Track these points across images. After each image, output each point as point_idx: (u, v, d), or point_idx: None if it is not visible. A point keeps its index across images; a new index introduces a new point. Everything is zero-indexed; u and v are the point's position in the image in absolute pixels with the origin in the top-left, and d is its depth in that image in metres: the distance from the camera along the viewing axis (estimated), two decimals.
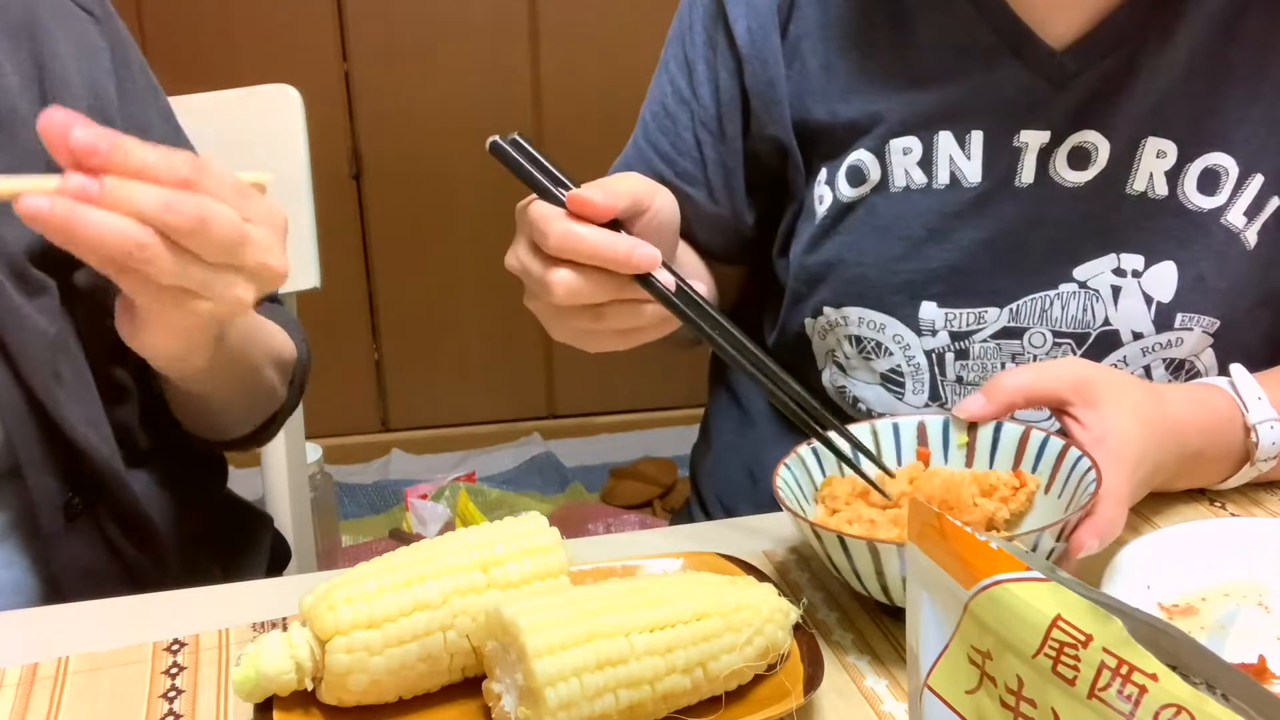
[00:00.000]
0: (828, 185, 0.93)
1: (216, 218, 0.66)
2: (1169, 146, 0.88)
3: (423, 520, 2.45)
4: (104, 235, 0.63)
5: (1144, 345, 0.91)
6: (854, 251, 0.92)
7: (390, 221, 2.65)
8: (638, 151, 1.00)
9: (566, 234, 0.71)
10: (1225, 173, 0.88)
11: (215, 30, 2.48)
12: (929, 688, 0.46)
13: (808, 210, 0.95)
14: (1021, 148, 0.89)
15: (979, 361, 0.93)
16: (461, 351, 2.77)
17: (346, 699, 0.64)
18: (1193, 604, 0.73)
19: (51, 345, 0.84)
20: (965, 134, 0.89)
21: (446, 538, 0.69)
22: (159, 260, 0.65)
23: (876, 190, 0.91)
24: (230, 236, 0.67)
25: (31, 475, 0.84)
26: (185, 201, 0.64)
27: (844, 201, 0.92)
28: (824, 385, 1.00)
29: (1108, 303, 0.90)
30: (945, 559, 0.45)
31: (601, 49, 2.53)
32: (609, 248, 0.71)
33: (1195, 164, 0.88)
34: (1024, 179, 0.89)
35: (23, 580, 0.88)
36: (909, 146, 0.90)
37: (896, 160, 0.90)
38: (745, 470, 1.07)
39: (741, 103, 0.95)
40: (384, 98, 2.57)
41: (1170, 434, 0.79)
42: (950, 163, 0.90)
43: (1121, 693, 0.38)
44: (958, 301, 0.92)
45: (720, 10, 0.93)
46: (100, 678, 0.71)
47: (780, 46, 0.92)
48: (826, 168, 0.93)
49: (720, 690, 0.65)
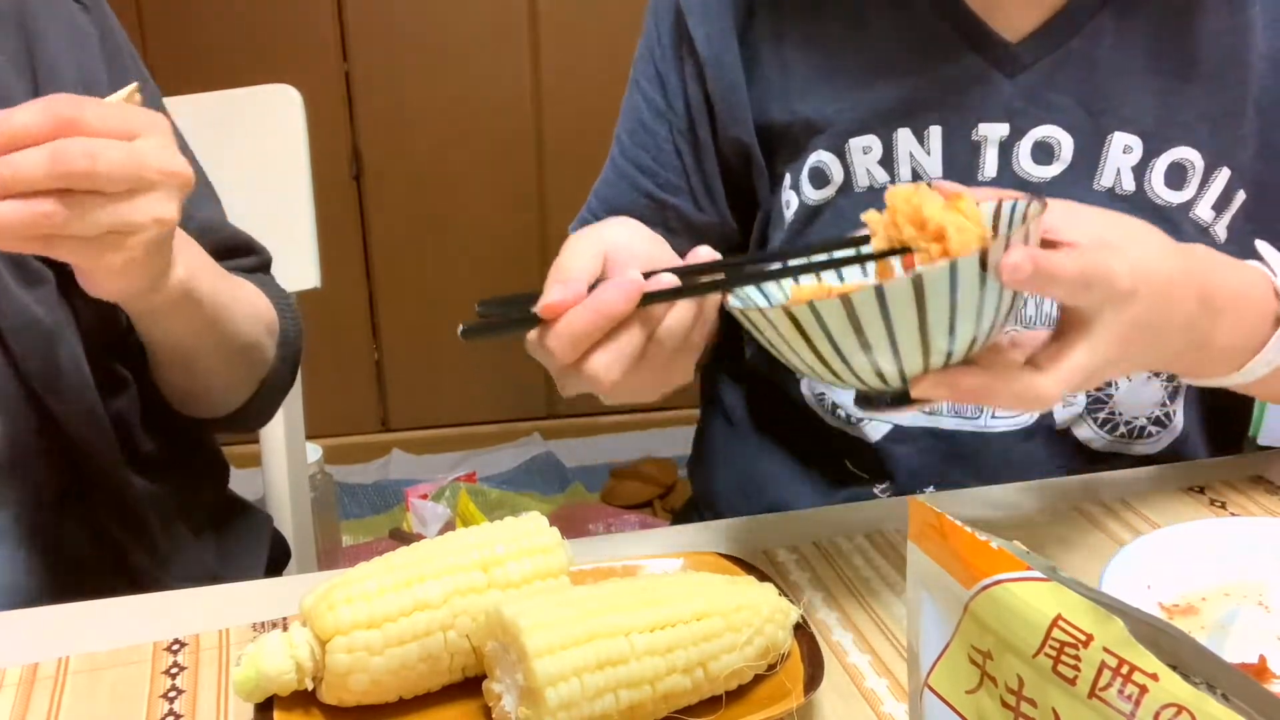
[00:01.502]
0: (792, 190, 0.93)
1: (103, 151, 0.66)
2: (1134, 141, 0.88)
3: (423, 520, 2.45)
4: (7, 225, 0.64)
5: None
6: None
7: (390, 221, 2.65)
8: (618, 170, 1.00)
9: (566, 336, 0.66)
10: (1191, 166, 0.88)
11: (215, 30, 2.48)
12: (929, 688, 0.46)
13: (776, 216, 0.95)
14: (980, 141, 0.89)
15: None
16: (461, 351, 2.77)
17: (347, 699, 0.64)
18: (1193, 604, 0.73)
19: (49, 336, 0.84)
20: (923, 129, 0.89)
21: (447, 538, 0.69)
22: (70, 221, 0.65)
23: (841, 192, 0.91)
24: (124, 163, 0.67)
25: (29, 469, 0.85)
26: (68, 149, 0.65)
27: (810, 205, 0.92)
28: (802, 394, 1.00)
29: None
30: (945, 559, 0.45)
31: (601, 49, 2.53)
32: (609, 308, 0.65)
33: (1161, 158, 0.88)
34: (986, 173, 0.89)
35: (18, 572, 0.88)
36: (868, 145, 0.89)
37: (857, 160, 0.90)
38: (737, 483, 1.07)
39: (707, 108, 0.95)
40: (384, 98, 2.57)
41: (1194, 280, 0.72)
42: (910, 159, 0.89)
43: (1122, 693, 0.38)
44: None
45: (680, 19, 0.94)
46: (100, 678, 0.71)
47: (739, 50, 0.92)
48: (790, 172, 0.93)
49: (720, 690, 0.65)
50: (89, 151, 0.65)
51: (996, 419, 0.95)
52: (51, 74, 0.87)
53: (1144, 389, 0.95)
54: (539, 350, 0.68)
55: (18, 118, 0.65)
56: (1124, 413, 0.95)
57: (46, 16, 0.88)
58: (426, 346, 2.75)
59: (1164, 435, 0.97)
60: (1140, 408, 0.96)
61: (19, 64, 0.86)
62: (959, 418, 0.95)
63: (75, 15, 0.91)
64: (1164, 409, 0.96)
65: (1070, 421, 0.95)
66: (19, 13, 0.87)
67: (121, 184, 0.67)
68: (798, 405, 1.00)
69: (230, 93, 1.25)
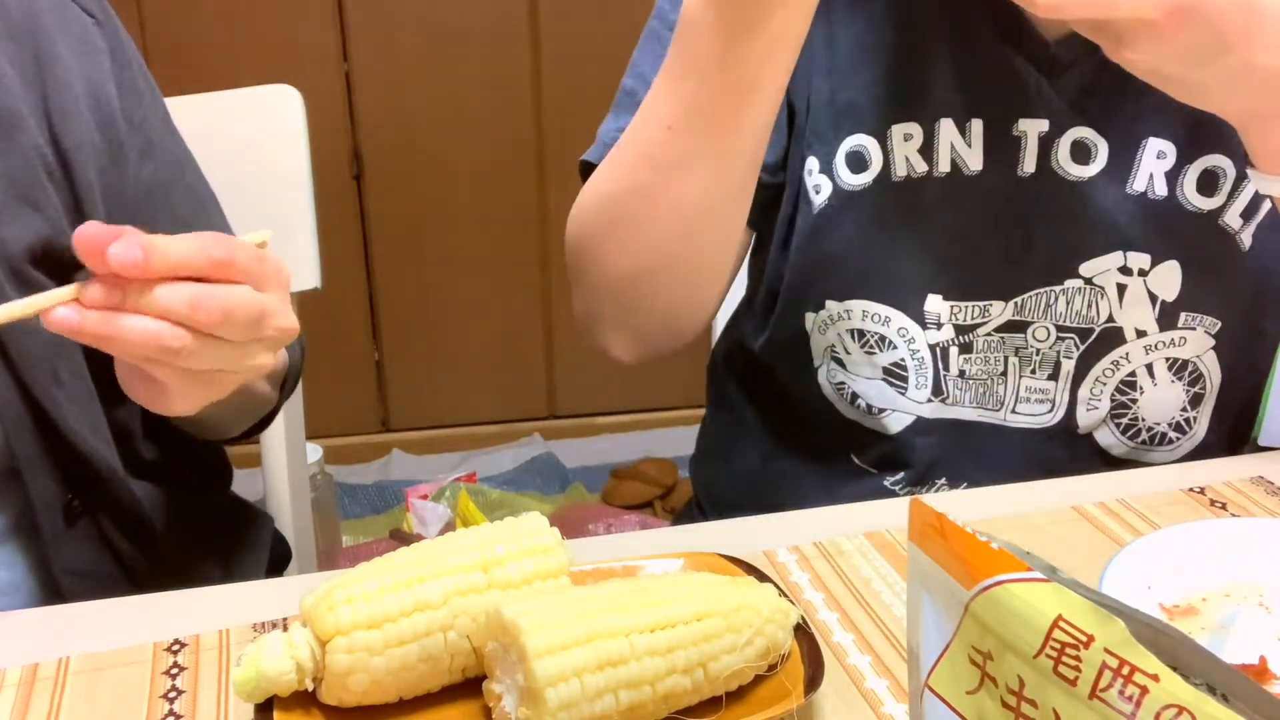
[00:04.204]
0: (824, 174, 0.92)
1: (239, 306, 0.67)
2: (1169, 148, 0.89)
3: (423, 520, 2.45)
4: (135, 339, 0.64)
5: (1147, 343, 0.92)
6: (859, 243, 0.92)
7: (390, 222, 2.65)
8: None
9: None
10: (1223, 174, 0.89)
11: (215, 30, 2.48)
12: (930, 688, 0.46)
13: (805, 199, 0.93)
14: (1021, 136, 0.89)
15: (982, 355, 0.94)
16: (462, 351, 2.77)
17: (347, 699, 0.64)
18: (1193, 604, 0.73)
19: (51, 346, 0.84)
20: (965, 122, 0.89)
21: (447, 538, 0.69)
22: (190, 353, 0.66)
23: (879, 179, 0.91)
24: (253, 317, 0.68)
25: (30, 477, 0.84)
26: (210, 298, 0.65)
27: (846, 191, 0.91)
28: (820, 383, 1.00)
29: (1113, 300, 0.91)
30: (946, 559, 0.45)
31: (602, 49, 2.53)
32: None
33: (1194, 165, 0.89)
34: (1026, 168, 0.89)
35: (22, 581, 0.88)
36: (910, 133, 0.89)
37: (898, 146, 0.90)
38: (742, 479, 1.07)
39: None
40: (384, 98, 2.57)
41: None
42: (951, 150, 0.89)
43: (1123, 693, 0.38)
44: (963, 294, 0.92)
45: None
46: (101, 678, 0.71)
47: None
48: (819, 155, 0.92)
49: (721, 691, 0.65)
50: (226, 308, 0.66)
51: (1015, 414, 0.96)
52: (60, 87, 0.86)
53: (1168, 393, 0.95)
54: None
55: (176, 248, 0.65)
56: (1146, 418, 0.96)
57: (58, 29, 0.88)
58: (426, 346, 2.75)
59: (1184, 442, 0.97)
60: (1162, 414, 0.96)
61: (28, 75, 0.85)
62: (980, 409, 0.96)
63: (87, 28, 0.90)
64: (1185, 414, 0.96)
65: (1093, 426, 0.96)
66: (30, 24, 0.86)
67: (244, 336, 0.68)
68: (811, 398, 1.00)
69: (230, 93, 1.25)
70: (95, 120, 0.88)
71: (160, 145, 0.95)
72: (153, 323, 0.64)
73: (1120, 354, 0.92)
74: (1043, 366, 0.94)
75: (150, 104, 0.96)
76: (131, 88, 0.93)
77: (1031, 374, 0.94)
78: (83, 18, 0.90)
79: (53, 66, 0.86)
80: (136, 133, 0.92)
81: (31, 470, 0.84)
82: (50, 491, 0.85)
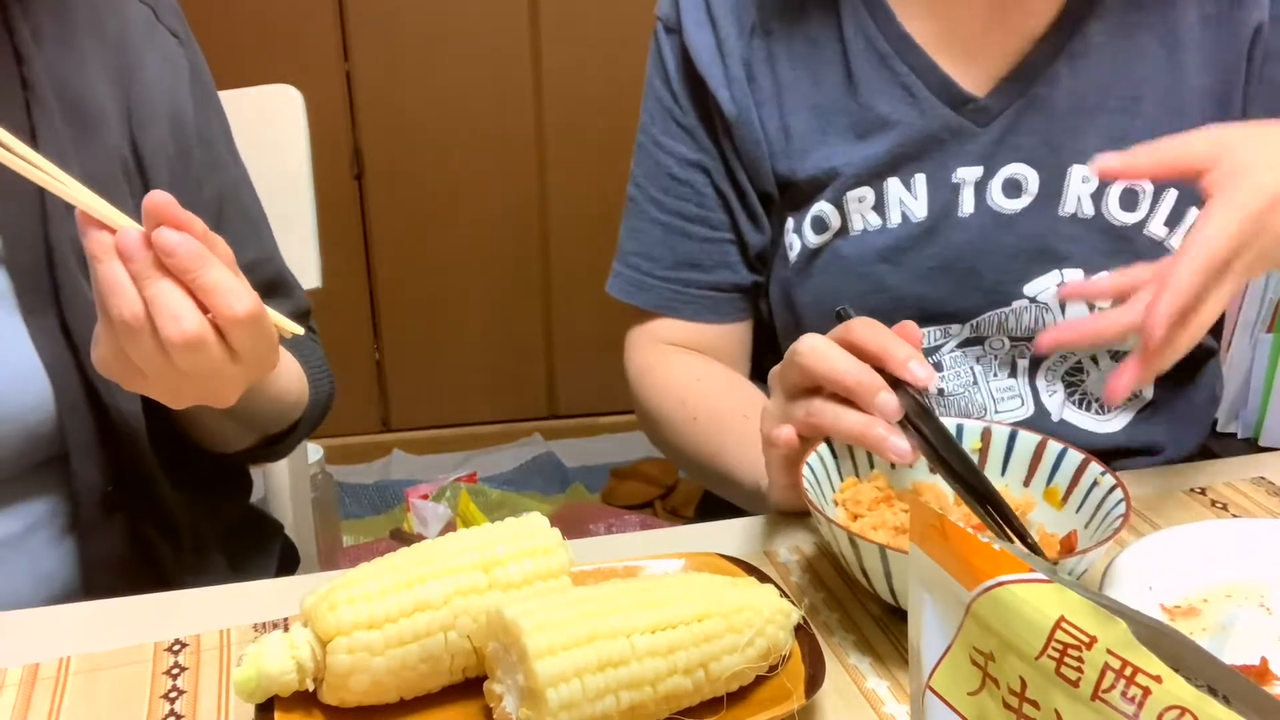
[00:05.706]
0: (795, 234, 1.02)
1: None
2: (1090, 172, 0.95)
3: (424, 520, 2.45)
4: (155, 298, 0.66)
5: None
6: (827, 291, 1.00)
7: (391, 221, 2.65)
8: (662, 226, 1.05)
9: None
10: (1142, 190, 0.97)
11: (216, 30, 2.46)
12: (931, 689, 0.46)
13: (782, 256, 1.03)
14: (959, 183, 0.98)
15: (953, 371, 1.02)
16: (462, 351, 2.77)
17: (348, 699, 0.64)
18: (1195, 605, 0.73)
19: None
20: (910, 178, 0.98)
21: (448, 538, 0.69)
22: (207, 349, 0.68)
23: (838, 235, 1.00)
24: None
25: (78, 462, 0.86)
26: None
27: (810, 248, 1.01)
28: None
29: (1056, 312, 0.99)
30: (947, 560, 0.45)
31: (602, 49, 2.53)
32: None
33: (1115, 185, 0.97)
34: (965, 210, 0.98)
35: (54, 569, 0.89)
36: (863, 195, 0.99)
37: (853, 208, 0.99)
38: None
39: (738, 157, 1.02)
40: (385, 98, 2.57)
41: None
42: (900, 204, 0.98)
43: (1125, 694, 0.38)
44: (925, 323, 0.99)
45: (697, 81, 1.00)
46: (101, 678, 0.71)
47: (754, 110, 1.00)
48: (793, 217, 1.02)
49: (722, 691, 0.65)
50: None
51: (1000, 414, 1.02)
52: (142, 95, 0.91)
53: (1111, 371, 0.98)
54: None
55: (216, 278, 0.68)
56: (1096, 393, 1.03)
57: (146, 43, 0.93)
58: (426, 346, 2.75)
59: (1134, 403, 1.04)
60: None
61: (116, 80, 0.90)
62: (966, 420, 0.97)
63: (171, 47, 0.95)
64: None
65: (1059, 409, 1.02)
66: (121, 35, 0.91)
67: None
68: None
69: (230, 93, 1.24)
70: (170, 131, 0.93)
71: (223, 164, 1.00)
72: (180, 299, 0.66)
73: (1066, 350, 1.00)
74: (1002, 368, 1.02)
75: (218, 125, 1.00)
76: (205, 106, 0.98)
77: (994, 376, 1.02)
78: (168, 37, 0.95)
79: (138, 77, 0.91)
80: (205, 149, 0.97)
81: (79, 455, 0.86)
82: (93, 479, 0.87)
